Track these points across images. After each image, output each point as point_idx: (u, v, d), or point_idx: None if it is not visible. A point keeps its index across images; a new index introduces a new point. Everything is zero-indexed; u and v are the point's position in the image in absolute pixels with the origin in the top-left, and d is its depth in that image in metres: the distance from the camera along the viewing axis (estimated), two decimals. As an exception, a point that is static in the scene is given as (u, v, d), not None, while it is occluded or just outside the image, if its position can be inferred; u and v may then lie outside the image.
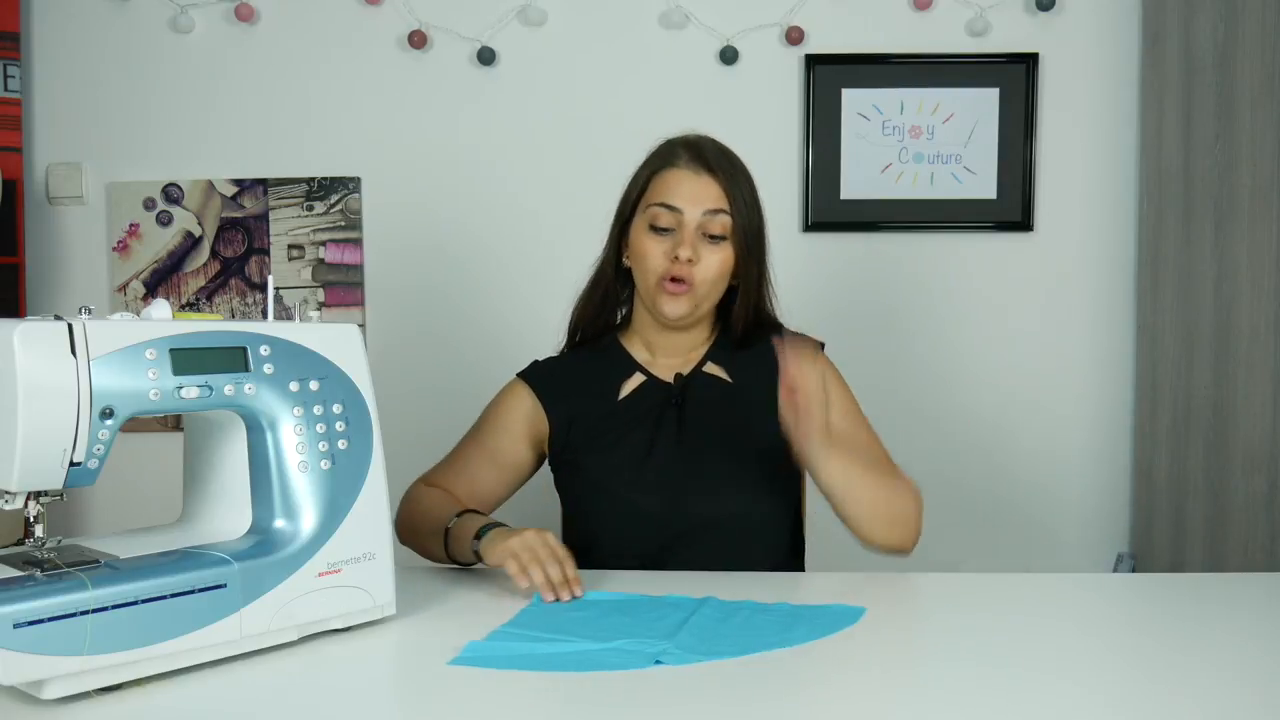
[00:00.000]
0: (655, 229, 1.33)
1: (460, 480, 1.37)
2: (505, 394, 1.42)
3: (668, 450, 1.33)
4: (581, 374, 1.40)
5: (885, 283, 2.22)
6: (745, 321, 1.39)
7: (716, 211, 1.31)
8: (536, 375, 1.42)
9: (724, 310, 1.42)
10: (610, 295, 1.42)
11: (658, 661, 0.90)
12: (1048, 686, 0.85)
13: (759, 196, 1.37)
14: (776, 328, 1.44)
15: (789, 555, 1.39)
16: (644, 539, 1.30)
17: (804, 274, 2.15)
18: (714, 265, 1.32)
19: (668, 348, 1.39)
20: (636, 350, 1.41)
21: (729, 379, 1.38)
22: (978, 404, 2.23)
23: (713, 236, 1.32)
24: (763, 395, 1.36)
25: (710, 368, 1.39)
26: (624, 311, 1.45)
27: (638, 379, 1.39)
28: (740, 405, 1.36)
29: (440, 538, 1.24)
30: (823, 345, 1.43)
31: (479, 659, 0.92)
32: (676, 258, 1.30)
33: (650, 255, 1.32)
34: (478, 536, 1.17)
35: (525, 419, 1.39)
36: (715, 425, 1.34)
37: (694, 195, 1.31)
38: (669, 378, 1.38)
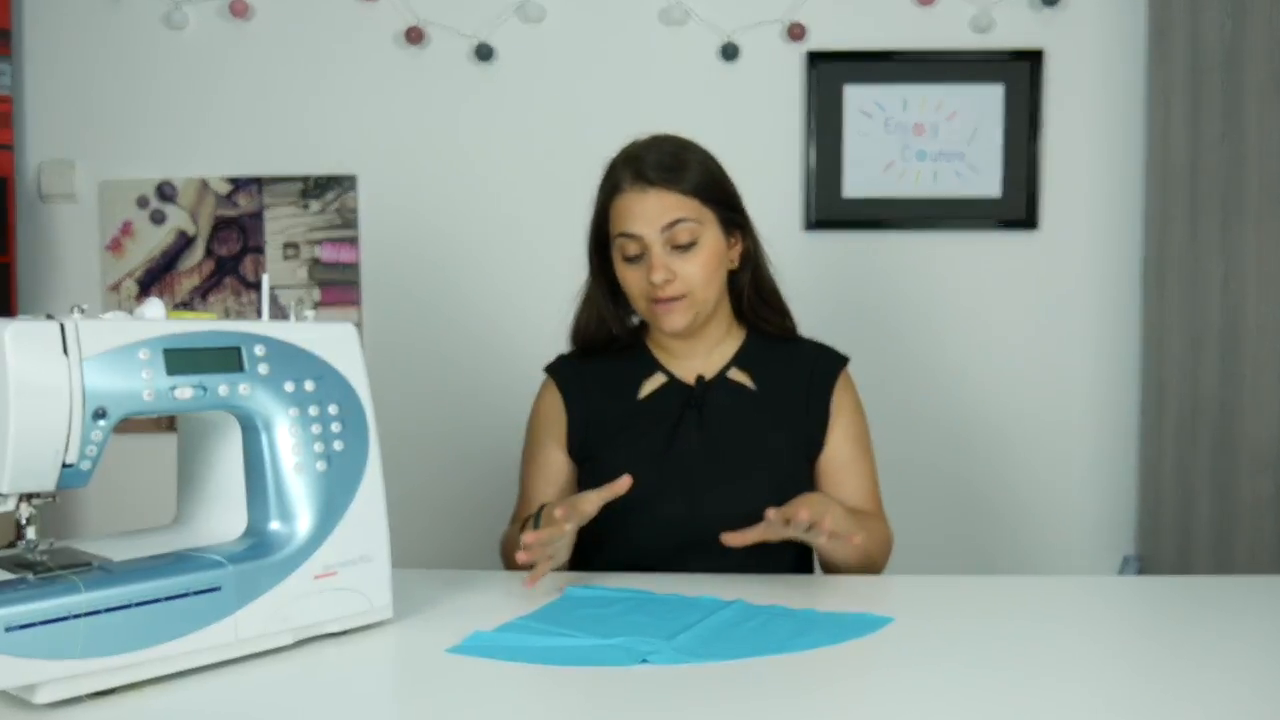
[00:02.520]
0: (627, 259, 1.34)
1: (532, 510, 1.38)
2: (537, 399, 1.45)
3: (687, 453, 1.33)
4: (604, 371, 1.41)
5: (888, 282, 2.22)
6: (750, 299, 1.40)
7: (674, 223, 1.31)
8: (561, 370, 1.44)
9: (739, 307, 1.43)
10: (605, 315, 1.42)
11: (644, 660, 0.90)
12: (1050, 690, 0.85)
13: (720, 172, 1.37)
14: (791, 331, 1.44)
15: (801, 561, 1.39)
16: (660, 541, 1.30)
17: (805, 273, 2.14)
18: (695, 272, 1.32)
19: (685, 351, 1.41)
20: (658, 351, 1.43)
21: (753, 386, 1.39)
22: (981, 404, 2.23)
23: (679, 246, 1.31)
24: (787, 402, 1.38)
25: (735, 374, 1.39)
26: (635, 320, 1.46)
27: (659, 379, 1.40)
28: (763, 412, 1.37)
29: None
30: (847, 360, 1.43)
31: (475, 648, 0.94)
32: (653, 283, 1.31)
33: (631, 283, 1.35)
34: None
35: (555, 421, 1.41)
36: (736, 430, 1.35)
37: (646, 216, 1.31)
38: (690, 380, 1.39)
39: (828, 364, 1.41)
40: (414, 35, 2.20)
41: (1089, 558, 2.22)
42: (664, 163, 1.32)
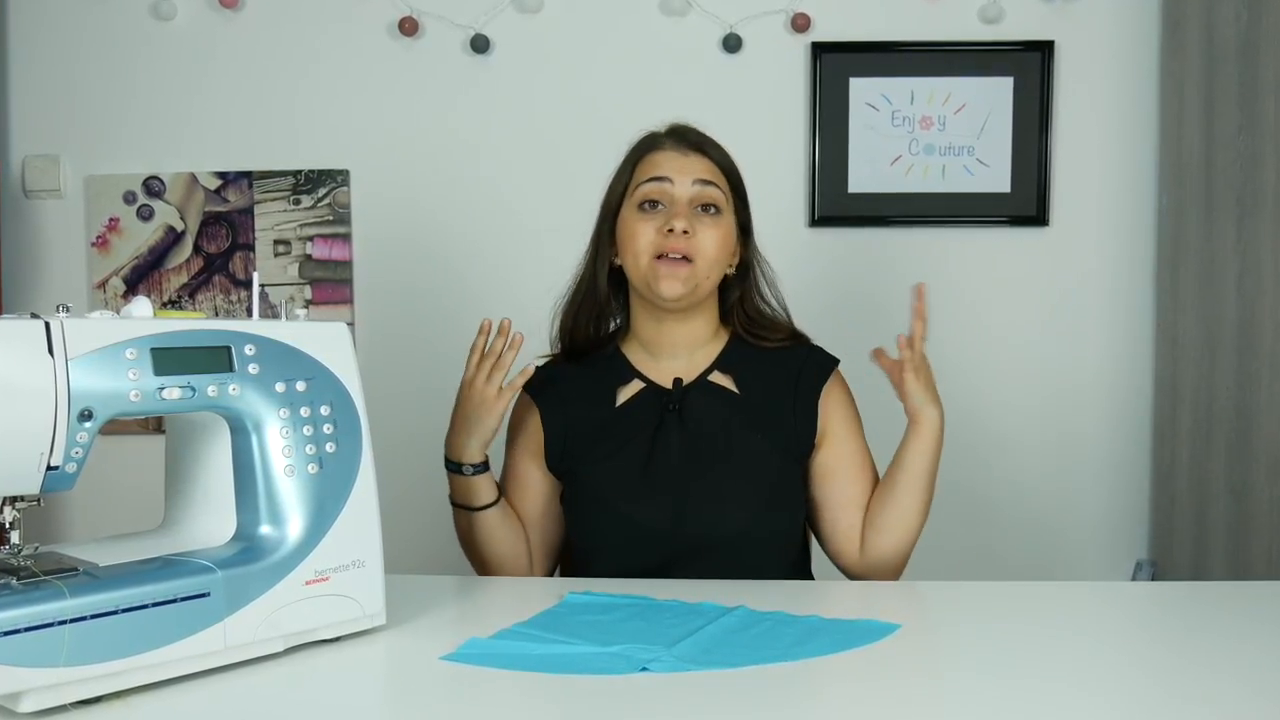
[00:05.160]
0: (644, 208, 1.33)
1: None
2: (511, 413, 1.44)
3: (669, 462, 1.32)
4: (579, 380, 1.40)
5: (894, 279, 2.22)
6: (738, 311, 1.41)
7: (708, 182, 1.33)
8: (535, 382, 1.42)
9: (727, 316, 1.43)
10: (598, 301, 1.40)
11: (644, 668, 0.90)
12: (1062, 698, 0.85)
13: (741, 176, 1.40)
14: (794, 334, 1.44)
15: (796, 573, 1.38)
16: (645, 554, 1.29)
17: (810, 270, 2.15)
18: (712, 239, 1.32)
19: (668, 346, 1.38)
20: (635, 355, 1.40)
21: (736, 390, 1.37)
22: (990, 405, 2.23)
23: (705, 207, 1.33)
24: (772, 406, 1.37)
25: (717, 377, 1.38)
26: (617, 320, 1.44)
27: (635, 386, 1.38)
28: (747, 417, 1.35)
29: (463, 517, 1.35)
30: (837, 362, 1.43)
31: (470, 656, 0.94)
32: (671, 230, 1.29)
33: (641, 234, 1.32)
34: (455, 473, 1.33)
35: (530, 434, 1.40)
36: (720, 437, 1.34)
37: (683, 167, 1.34)
38: (668, 384, 1.38)
39: (816, 366, 1.40)
40: (408, 26, 2.20)
41: (1101, 563, 2.22)
42: (707, 140, 1.38)
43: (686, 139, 1.37)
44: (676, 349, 1.39)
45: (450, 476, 1.34)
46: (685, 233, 1.29)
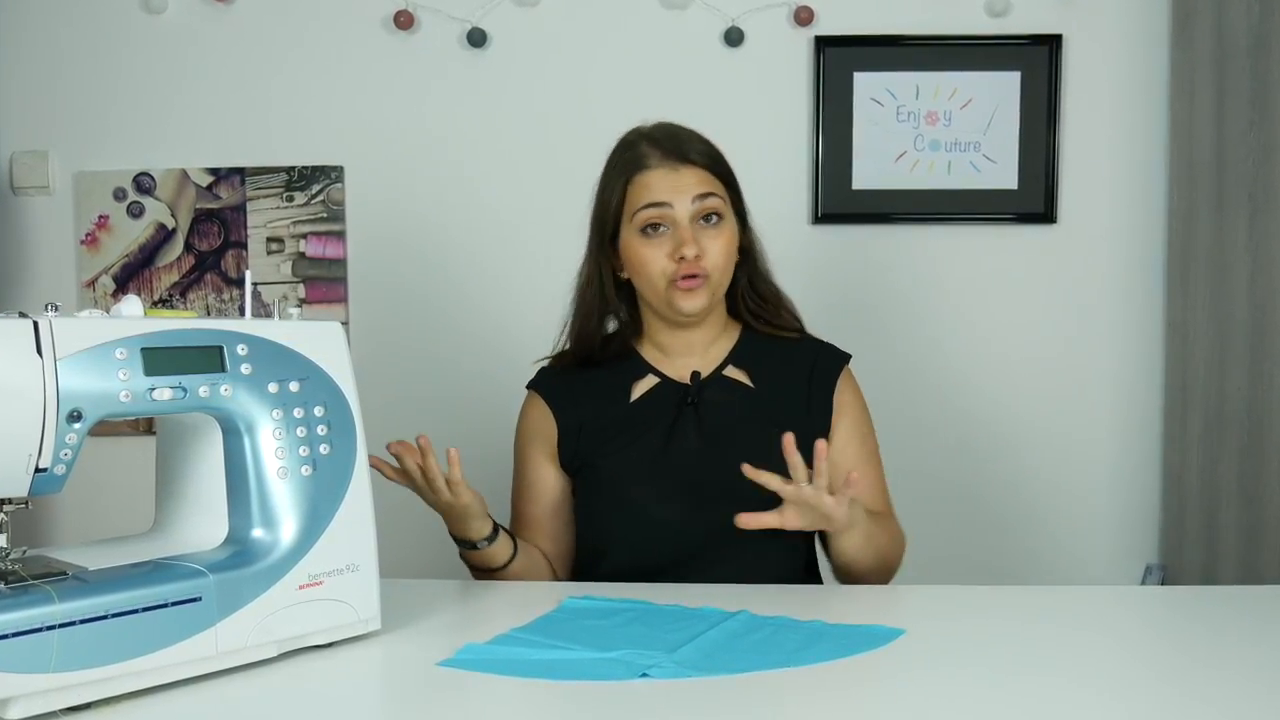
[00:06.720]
0: (647, 233, 1.34)
1: (523, 530, 1.41)
2: (521, 415, 1.45)
3: (685, 456, 1.34)
4: (591, 378, 1.41)
5: (899, 278, 2.22)
6: (746, 295, 1.42)
7: (705, 195, 1.34)
8: (544, 381, 1.45)
9: (735, 305, 1.44)
10: (608, 310, 1.42)
11: (644, 674, 0.90)
12: (1070, 705, 0.85)
13: (728, 163, 1.41)
14: (798, 327, 1.44)
15: (806, 570, 1.39)
16: (659, 550, 1.30)
17: (813, 268, 2.15)
18: (720, 250, 1.34)
19: (681, 347, 1.41)
20: (649, 353, 1.43)
21: (751, 384, 1.39)
22: (997, 406, 2.23)
23: (707, 222, 1.34)
24: (787, 401, 1.38)
25: (731, 371, 1.40)
26: (624, 319, 1.45)
27: (650, 380, 1.40)
28: (763, 411, 1.37)
29: (484, 573, 1.33)
30: (849, 357, 1.44)
31: (467, 662, 0.94)
32: (682, 257, 1.31)
33: (652, 261, 1.34)
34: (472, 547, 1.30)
35: (543, 434, 1.41)
36: (736, 431, 1.35)
37: (678, 187, 1.34)
38: (684, 378, 1.39)
39: (829, 361, 1.42)
40: (403, 20, 2.20)
41: (1110, 567, 2.22)
42: (692, 143, 1.37)
43: (674, 151, 1.35)
44: (691, 348, 1.41)
45: (474, 561, 1.32)
46: (697, 256, 1.32)
